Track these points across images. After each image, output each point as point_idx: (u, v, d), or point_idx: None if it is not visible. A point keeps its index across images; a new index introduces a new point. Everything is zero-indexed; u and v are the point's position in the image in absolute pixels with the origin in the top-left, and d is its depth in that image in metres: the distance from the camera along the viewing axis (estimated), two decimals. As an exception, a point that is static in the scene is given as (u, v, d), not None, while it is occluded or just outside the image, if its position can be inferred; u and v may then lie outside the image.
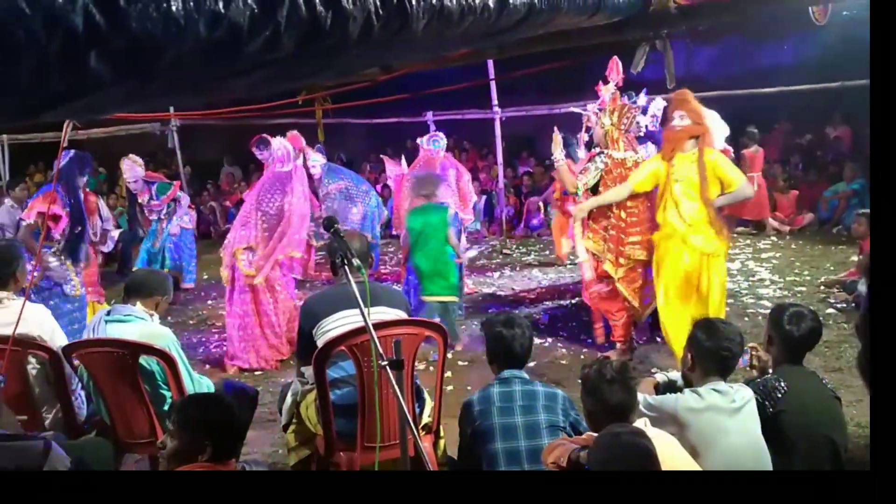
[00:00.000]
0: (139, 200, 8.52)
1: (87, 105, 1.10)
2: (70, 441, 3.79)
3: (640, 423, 2.95)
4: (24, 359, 3.84)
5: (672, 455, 2.78)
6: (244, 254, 6.29)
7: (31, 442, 2.62)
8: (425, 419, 3.84)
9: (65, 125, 4.69)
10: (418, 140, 8.19)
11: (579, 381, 3.22)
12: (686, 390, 3.40)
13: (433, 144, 8.03)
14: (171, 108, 10.41)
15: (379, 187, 11.07)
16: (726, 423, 3.22)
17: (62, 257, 6.15)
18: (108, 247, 7.56)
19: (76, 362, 3.94)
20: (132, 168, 8.33)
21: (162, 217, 8.52)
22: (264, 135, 9.10)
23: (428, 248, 6.33)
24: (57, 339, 3.98)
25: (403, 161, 9.03)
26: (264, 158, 9.04)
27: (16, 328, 3.42)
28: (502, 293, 8.41)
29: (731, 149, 6.66)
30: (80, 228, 6.25)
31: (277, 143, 6.53)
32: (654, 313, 5.77)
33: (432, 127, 11.06)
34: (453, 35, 1.84)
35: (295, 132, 7.41)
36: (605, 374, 2.96)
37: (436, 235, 6.31)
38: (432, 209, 6.42)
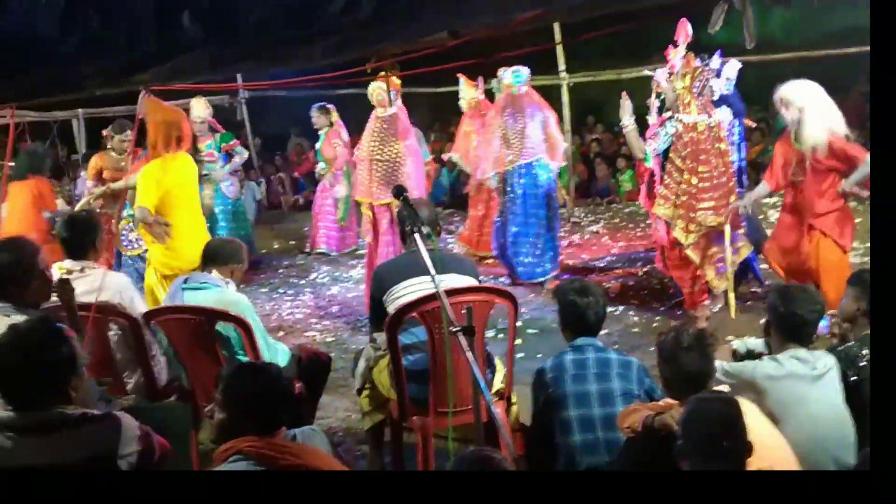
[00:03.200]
0: (198, 146, 8.04)
1: (174, 68, 1.11)
2: (149, 405, 3.91)
3: (718, 391, 2.91)
4: (105, 325, 3.96)
5: (752, 423, 2.73)
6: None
7: (103, 423, 2.63)
8: (497, 385, 3.84)
9: (140, 97, 4.79)
10: (499, 73, 7.37)
11: (652, 349, 3.19)
12: (765, 357, 3.35)
13: (514, 79, 7.15)
14: (240, 79, 10.50)
15: (445, 157, 10.97)
16: (807, 392, 3.15)
17: None
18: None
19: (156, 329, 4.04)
20: (203, 108, 8.10)
21: (207, 181, 8.12)
22: (328, 104, 9.16)
23: None
24: (137, 306, 4.08)
25: (481, 83, 8.64)
26: (319, 125, 9.15)
27: (98, 295, 3.53)
28: (571, 261, 8.33)
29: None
30: None
31: (373, 86, 6.36)
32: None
33: (498, 95, 10.87)
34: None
35: (384, 74, 7.03)
36: (681, 341, 2.92)
37: None
38: None
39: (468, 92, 8.62)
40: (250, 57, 1.32)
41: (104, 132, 7.28)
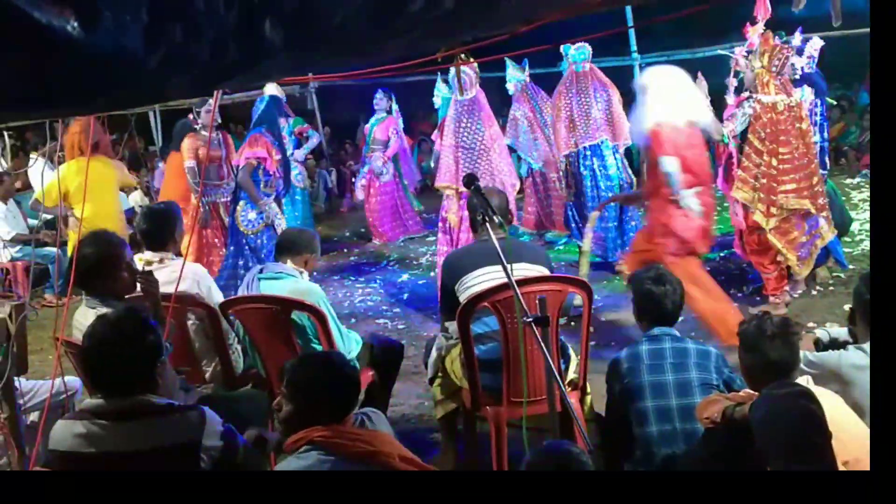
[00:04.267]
0: None
1: (258, 73, 1.10)
2: (227, 393, 3.98)
3: (802, 381, 2.82)
4: (184, 315, 4.04)
5: (837, 414, 2.64)
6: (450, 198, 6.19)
7: (189, 413, 2.67)
8: (571, 375, 3.79)
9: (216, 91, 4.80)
10: (562, 49, 7.21)
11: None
12: (850, 346, 3.22)
13: (578, 55, 7.05)
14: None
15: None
16: None
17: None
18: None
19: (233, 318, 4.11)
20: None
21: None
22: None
23: None
24: (214, 295, 4.15)
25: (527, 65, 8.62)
26: (381, 107, 9.27)
27: (177, 286, 3.59)
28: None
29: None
30: (285, 171, 6.64)
31: (453, 72, 6.30)
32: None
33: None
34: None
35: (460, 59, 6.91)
36: (765, 329, 2.83)
37: None
38: None
39: (514, 75, 8.53)
40: (331, 56, 1.31)
41: (190, 116, 7.53)
